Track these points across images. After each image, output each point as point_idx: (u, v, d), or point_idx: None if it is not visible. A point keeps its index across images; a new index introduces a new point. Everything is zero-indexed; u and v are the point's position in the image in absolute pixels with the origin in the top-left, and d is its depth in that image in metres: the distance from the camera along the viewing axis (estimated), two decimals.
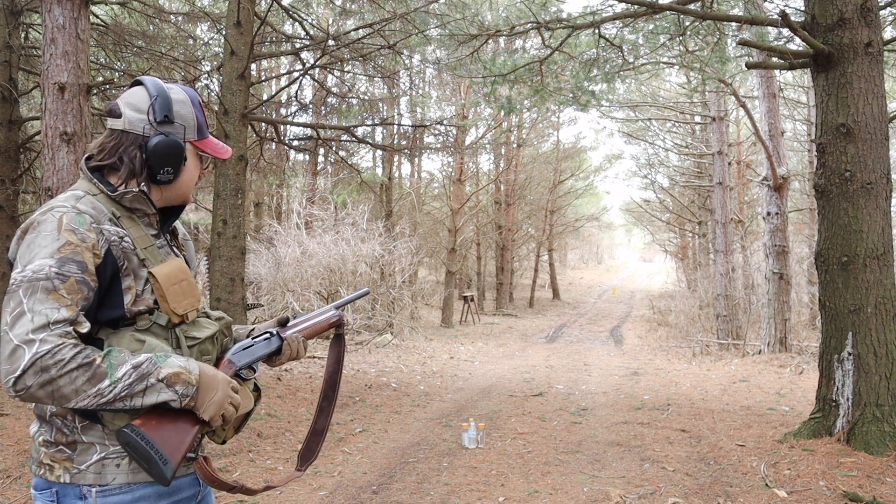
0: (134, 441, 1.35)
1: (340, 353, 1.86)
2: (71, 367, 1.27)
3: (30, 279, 1.31)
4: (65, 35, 4.86)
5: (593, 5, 7.42)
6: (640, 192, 33.65)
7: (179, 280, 1.49)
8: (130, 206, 1.51)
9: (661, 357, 13.01)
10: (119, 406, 1.33)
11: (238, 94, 7.06)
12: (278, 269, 12.84)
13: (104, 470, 1.42)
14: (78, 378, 1.28)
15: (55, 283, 1.32)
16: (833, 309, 5.01)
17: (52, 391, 1.27)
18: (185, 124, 1.56)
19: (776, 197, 11.40)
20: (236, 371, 1.57)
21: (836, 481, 4.13)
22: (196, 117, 1.59)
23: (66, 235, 1.36)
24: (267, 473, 4.61)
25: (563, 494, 4.21)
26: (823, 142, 5.10)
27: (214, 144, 1.63)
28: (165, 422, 1.40)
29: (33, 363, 1.25)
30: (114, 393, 1.31)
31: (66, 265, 1.34)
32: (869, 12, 4.93)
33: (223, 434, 1.62)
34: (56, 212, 1.39)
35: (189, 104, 1.58)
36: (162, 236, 1.59)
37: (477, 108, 18.12)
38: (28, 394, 1.27)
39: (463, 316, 20.53)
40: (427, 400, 7.73)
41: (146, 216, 1.55)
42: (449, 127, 13.14)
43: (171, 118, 1.53)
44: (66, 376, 1.27)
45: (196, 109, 1.59)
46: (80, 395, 1.29)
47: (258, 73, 14.33)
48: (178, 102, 1.55)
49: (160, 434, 1.38)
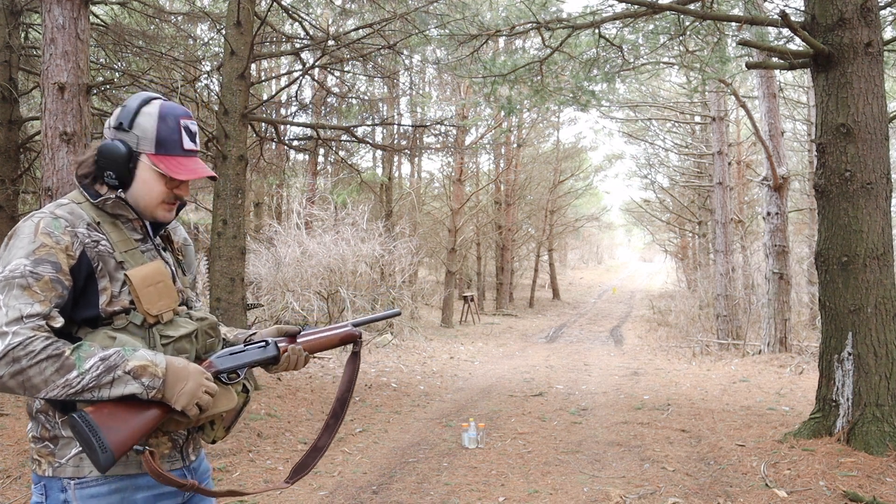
0: (79, 426, 1.38)
1: (355, 372, 1.86)
2: (40, 357, 1.33)
3: (6, 277, 1.39)
4: (65, 35, 4.86)
5: (593, 5, 7.42)
6: (640, 192, 33.68)
7: (155, 282, 1.55)
8: (112, 212, 1.57)
9: (661, 357, 13.00)
10: (87, 397, 1.39)
11: (238, 94, 7.05)
12: (278, 269, 12.83)
13: (82, 463, 1.46)
14: (47, 368, 1.34)
15: (29, 281, 1.39)
16: (833, 309, 5.01)
17: (22, 381, 1.33)
18: (141, 135, 1.57)
19: (776, 197, 11.40)
20: (217, 373, 1.58)
21: (836, 481, 4.13)
22: (159, 131, 1.56)
23: (42, 238, 1.44)
24: (267, 473, 4.61)
25: (563, 494, 4.21)
26: (823, 142, 5.10)
27: (172, 162, 1.58)
28: (120, 412, 1.42)
29: (5, 354, 1.32)
30: (81, 384, 1.36)
31: (41, 265, 1.42)
32: (869, 12, 4.93)
33: (212, 434, 1.64)
34: (35, 218, 1.48)
35: (155, 118, 1.57)
36: (150, 240, 1.65)
37: (477, 108, 18.10)
38: (0, 383, 1.32)
39: (463, 316, 20.53)
40: (427, 400, 7.73)
41: (129, 221, 1.61)
42: (449, 127, 13.13)
43: (125, 126, 1.57)
44: (36, 366, 1.33)
45: (164, 125, 1.57)
46: (49, 385, 1.34)
47: (258, 73, 14.33)
48: (144, 114, 1.57)
49: (108, 424, 1.40)
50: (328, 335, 1.78)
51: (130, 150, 1.56)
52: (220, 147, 7.06)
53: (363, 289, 13.95)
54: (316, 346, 1.75)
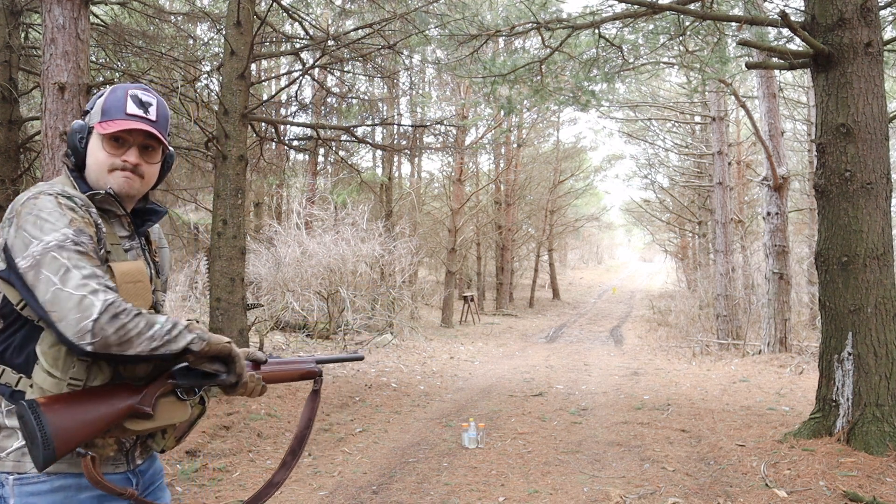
0: (27, 416, 1.33)
1: (314, 410, 1.82)
2: (133, 313, 1.35)
3: (59, 244, 1.37)
4: (65, 35, 4.86)
5: (593, 5, 7.42)
6: (640, 192, 33.71)
7: (135, 280, 1.53)
8: (100, 207, 1.57)
9: (661, 357, 13.00)
10: (163, 351, 1.38)
11: (238, 94, 7.05)
12: (278, 269, 12.83)
13: (24, 458, 1.40)
14: (140, 322, 1.35)
15: (82, 248, 1.40)
16: (833, 309, 5.01)
17: (122, 335, 1.33)
18: (93, 110, 1.60)
19: (776, 197, 11.40)
20: (175, 387, 1.54)
21: (836, 481, 4.13)
22: (105, 101, 1.58)
23: (69, 213, 1.44)
24: (267, 473, 4.61)
25: (563, 494, 4.21)
26: (823, 142, 5.10)
27: (110, 124, 1.56)
28: (73, 409, 1.37)
29: (106, 308, 1.32)
30: (162, 336, 1.38)
31: (82, 235, 1.42)
32: (869, 12, 4.93)
33: (162, 442, 1.60)
34: (47, 194, 1.46)
35: (110, 93, 1.59)
36: (136, 238, 1.64)
37: (477, 108, 18.10)
38: (102, 338, 1.31)
39: (463, 316, 20.53)
40: (427, 400, 7.73)
41: (117, 217, 1.61)
42: (449, 127, 13.12)
43: (88, 108, 1.62)
44: (133, 321, 1.34)
45: (112, 95, 1.59)
46: (141, 337, 1.35)
47: (258, 73, 14.32)
48: (102, 95, 1.61)
49: (57, 419, 1.34)
50: (290, 369, 1.75)
51: (83, 125, 1.60)
52: (220, 147, 7.06)
53: (363, 289, 13.95)
54: (275, 378, 1.70)
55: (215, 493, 4.18)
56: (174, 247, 17.67)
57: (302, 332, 12.62)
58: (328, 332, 12.55)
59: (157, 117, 1.62)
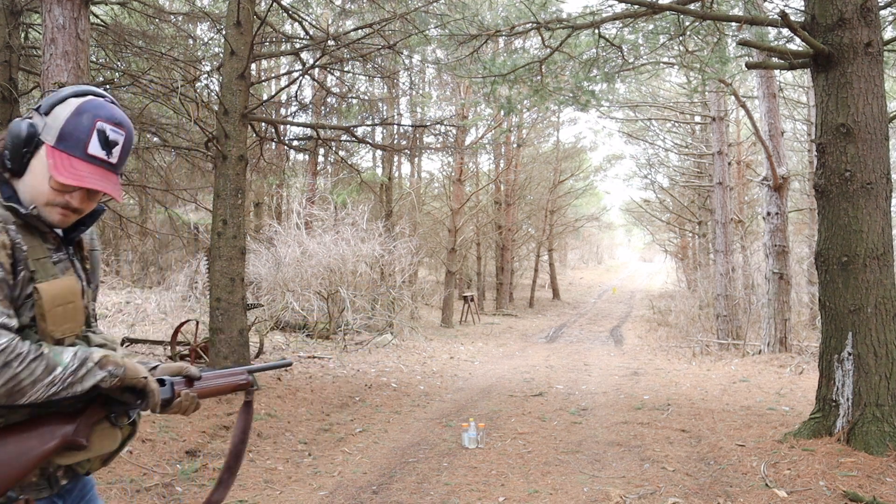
0: None
1: (248, 423, 1.73)
2: (30, 358, 1.24)
3: None
4: (65, 35, 4.86)
5: (593, 5, 7.42)
6: (640, 192, 33.70)
7: (66, 302, 1.40)
8: (25, 220, 1.41)
9: (661, 357, 13.01)
10: (63, 395, 1.30)
11: (238, 94, 7.05)
12: (278, 269, 12.84)
13: None
14: (37, 367, 1.25)
15: None
16: (833, 309, 5.01)
17: (13, 386, 1.22)
18: (50, 122, 1.40)
19: (776, 197, 11.40)
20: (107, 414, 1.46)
21: (836, 481, 4.13)
22: (66, 123, 1.39)
23: None
24: (267, 473, 4.61)
25: (563, 494, 4.21)
26: (823, 142, 5.10)
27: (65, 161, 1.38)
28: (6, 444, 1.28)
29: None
30: (63, 379, 1.29)
31: None
32: (869, 12, 4.93)
33: (87, 465, 1.49)
34: None
35: (72, 110, 1.40)
36: (63, 249, 1.49)
37: (477, 108, 18.12)
38: None
39: (463, 316, 20.53)
40: (427, 400, 7.73)
41: (43, 233, 1.45)
42: (449, 127, 13.13)
43: (43, 110, 1.43)
44: (28, 368, 1.24)
45: (76, 118, 1.40)
46: (37, 385, 1.25)
47: (258, 73, 14.33)
48: (67, 104, 1.42)
49: None
50: (222, 383, 1.68)
51: (34, 135, 1.40)
52: (220, 147, 7.06)
53: (363, 289, 13.96)
54: (208, 393, 1.65)
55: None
56: (174, 247, 17.69)
57: (302, 332, 12.62)
58: (328, 332, 12.56)
59: (119, 158, 1.45)
